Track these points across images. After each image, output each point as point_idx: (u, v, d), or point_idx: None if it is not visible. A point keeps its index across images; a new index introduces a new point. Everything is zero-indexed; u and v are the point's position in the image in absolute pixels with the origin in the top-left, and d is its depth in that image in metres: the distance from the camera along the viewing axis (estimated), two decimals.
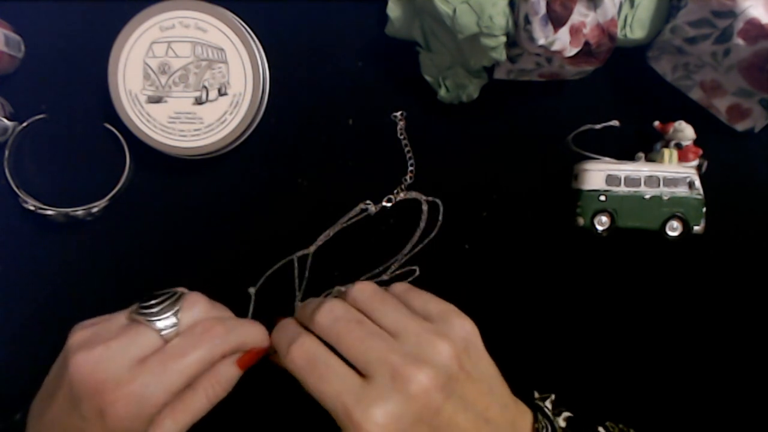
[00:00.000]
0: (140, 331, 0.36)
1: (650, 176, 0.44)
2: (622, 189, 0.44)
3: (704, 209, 0.44)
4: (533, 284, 0.48)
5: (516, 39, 0.41)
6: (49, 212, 0.46)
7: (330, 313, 0.37)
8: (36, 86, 0.48)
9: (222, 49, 0.44)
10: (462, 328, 0.37)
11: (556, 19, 0.39)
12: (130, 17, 0.44)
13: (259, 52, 0.45)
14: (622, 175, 0.44)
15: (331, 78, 0.48)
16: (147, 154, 0.46)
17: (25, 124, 0.47)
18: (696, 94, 0.47)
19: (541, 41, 0.39)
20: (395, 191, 0.48)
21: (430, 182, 0.48)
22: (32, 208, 0.46)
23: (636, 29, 0.44)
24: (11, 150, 0.47)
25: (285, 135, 0.48)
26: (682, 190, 0.44)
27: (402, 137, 0.47)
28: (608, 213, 0.44)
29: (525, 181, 0.48)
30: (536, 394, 0.42)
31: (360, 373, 0.35)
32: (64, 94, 0.48)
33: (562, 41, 0.40)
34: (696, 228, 0.44)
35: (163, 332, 0.36)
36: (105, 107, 0.46)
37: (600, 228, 0.44)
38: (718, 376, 0.48)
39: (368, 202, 0.47)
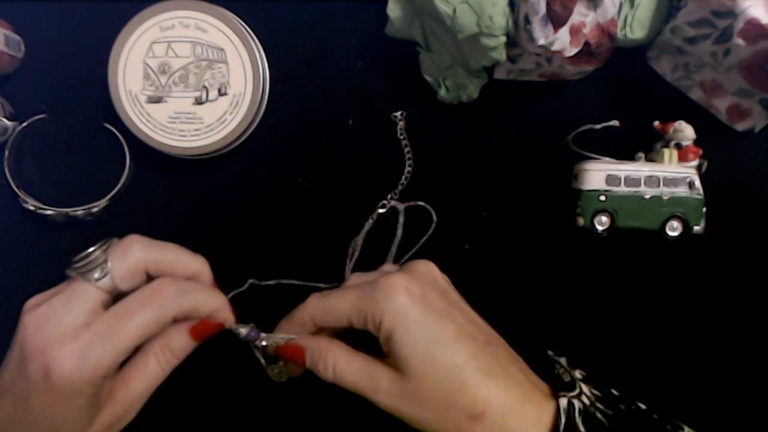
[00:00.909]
0: (78, 287, 0.34)
1: (650, 176, 0.44)
2: (622, 189, 0.44)
3: (704, 209, 0.44)
4: (533, 284, 0.48)
5: (516, 39, 0.41)
6: (49, 212, 0.46)
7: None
8: (36, 86, 0.48)
9: (222, 49, 0.44)
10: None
11: (556, 19, 0.39)
12: (130, 17, 0.44)
13: (259, 52, 0.45)
14: (622, 175, 0.44)
15: (331, 78, 0.48)
16: (147, 154, 0.46)
17: (25, 124, 0.47)
18: (696, 94, 0.47)
19: (541, 41, 0.39)
20: (389, 196, 0.48)
21: (430, 182, 0.48)
22: (32, 208, 0.46)
23: (636, 29, 0.44)
24: (11, 150, 0.47)
25: (285, 135, 0.48)
26: (682, 190, 0.44)
27: (402, 137, 0.47)
28: (608, 213, 0.44)
29: (525, 181, 0.48)
30: (550, 352, 0.42)
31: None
32: (64, 94, 0.48)
33: (562, 41, 0.40)
34: (696, 228, 0.44)
35: (99, 284, 0.34)
36: (105, 107, 0.46)
37: (600, 228, 0.44)
38: (718, 376, 0.48)
39: (384, 202, 0.47)
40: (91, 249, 0.35)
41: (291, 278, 0.48)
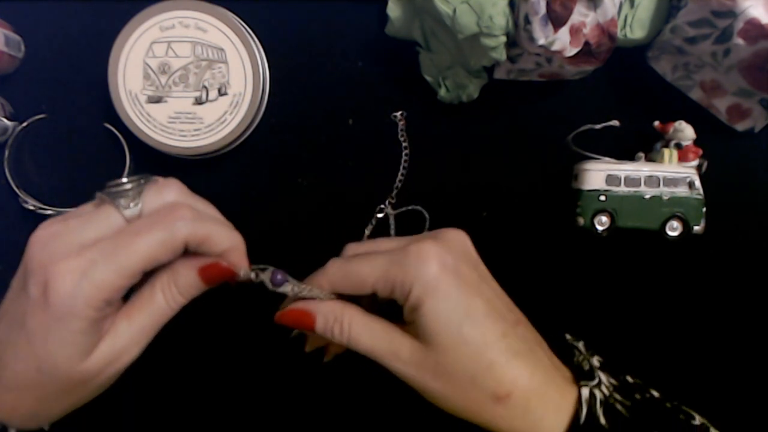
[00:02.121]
0: (102, 209, 0.32)
1: (650, 176, 0.44)
2: (622, 189, 0.44)
3: (704, 209, 0.44)
4: (533, 284, 0.48)
5: (516, 39, 0.41)
6: (49, 212, 0.46)
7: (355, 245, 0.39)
8: (36, 86, 0.48)
9: (222, 49, 0.44)
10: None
11: (556, 19, 0.39)
12: (130, 17, 0.44)
13: (259, 52, 0.45)
14: (622, 175, 0.44)
15: (331, 78, 0.48)
16: (147, 154, 0.46)
17: (25, 124, 0.47)
18: (696, 94, 0.47)
19: (541, 41, 0.39)
20: (386, 201, 0.48)
21: (430, 182, 0.48)
22: (32, 208, 0.46)
23: (636, 29, 0.44)
24: (11, 150, 0.47)
25: (285, 135, 0.48)
26: (682, 190, 0.44)
27: (402, 138, 0.47)
28: (608, 213, 0.44)
29: (525, 181, 0.48)
30: (568, 336, 0.41)
31: None
32: (64, 94, 0.48)
33: (562, 41, 0.40)
34: (696, 228, 0.44)
35: (126, 212, 0.32)
36: (105, 107, 0.46)
37: (600, 228, 0.44)
38: (718, 376, 0.48)
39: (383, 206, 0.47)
40: (125, 179, 0.33)
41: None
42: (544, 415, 0.34)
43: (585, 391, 0.35)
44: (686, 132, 0.45)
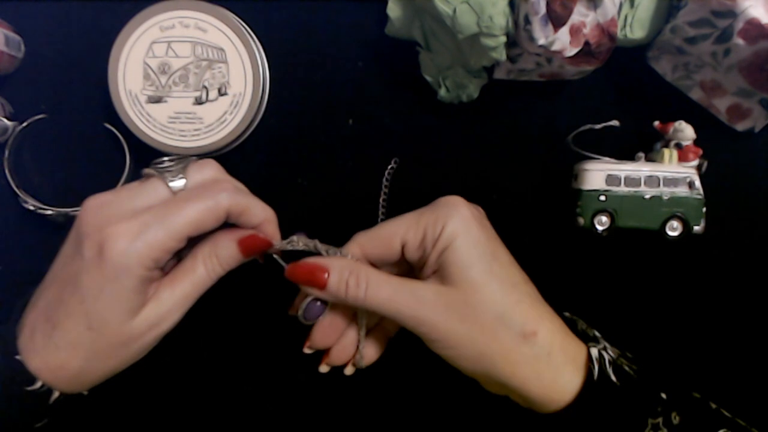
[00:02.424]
0: (150, 182, 0.35)
1: (650, 176, 0.44)
2: (622, 189, 0.44)
3: (704, 209, 0.44)
4: (533, 284, 0.48)
5: (516, 39, 0.41)
6: (49, 212, 0.46)
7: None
8: (36, 86, 0.48)
9: (222, 49, 0.44)
10: None
11: (556, 19, 0.39)
12: (130, 17, 0.44)
13: (259, 52, 0.45)
14: (622, 175, 0.44)
15: (331, 78, 0.48)
16: (147, 154, 0.46)
17: (25, 124, 0.47)
18: (696, 94, 0.47)
19: (541, 41, 0.39)
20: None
21: (430, 183, 0.48)
22: (32, 208, 0.46)
23: (636, 29, 0.44)
24: (11, 150, 0.47)
25: (285, 135, 0.48)
26: (682, 190, 0.44)
27: (385, 185, 0.48)
28: (608, 213, 0.44)
29: (525, 181, 0.48)
30: (567, 314, 0.42)
31: None
32: (64, 94, 0.48)
33: (562, 41, 0.40)
34: (696, 228, 0.44)
35: (171, 184, 0.35)
36: (105, 107, 0.46)
37: (600, 228, 0.44)
38: (718, 377, 0.48)
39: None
40: (167, 158, 0.37)
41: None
42: (565, 363, 0.36)
43: (594, 351, 0.36)
44: (686, 132, 0.45)
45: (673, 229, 0.44)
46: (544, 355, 0.35)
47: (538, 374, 0.35)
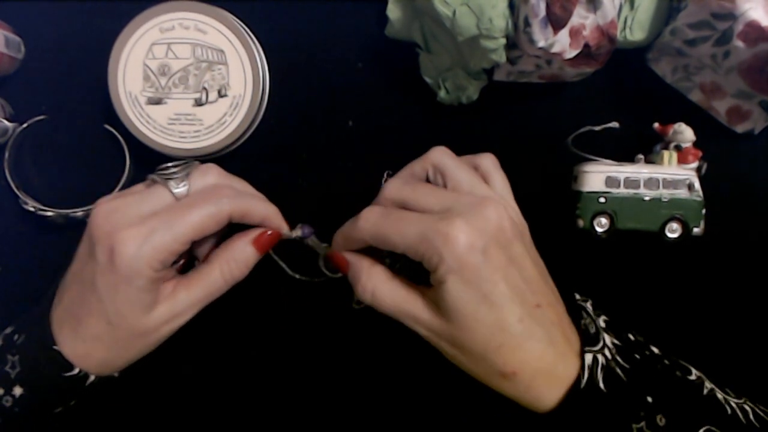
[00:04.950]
0: (155, 189, 0.38)
1: (650, 178, 0.44)
2: (622, 191, 0.44)
3: (704, 211, 0.44)
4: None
5: (516, 41, 0.41)
6: (49, 213, 0.46)
7: (397, 186, 0.39)
8: (36, 87, 0.48)
9: (222, 51, 0.44)
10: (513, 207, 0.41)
11: (555, 21, 0.39)
12: (130, 18, 0.44)
13: (259, 54, 0.45)
14: (622, 176, 0.44)
15: (331, 79, 0.48)
16: (147, 155, 0.46)
17: (25, 125, 0.47)
18: (696, 96, 0.47)
19: (541, 43, 0.39)
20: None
21: None
22: (32, 209, 0.46)
23: (636, 31, 0.44)
24: (11, 151, 0.47)
25: (285, 136, 0.48)
26: (681, 192, 0.44)
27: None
28: (608, 215, 0.44)
29: (525, 182, 0.48)
30: (577, 296, 0.42)
31: None
32: (64, 95, 0.48)
33: (562, 43, 0.40)
34: (695, 230, 0.44)
35: (175, 191, 0.38)
36: (105, 109, 0.46)
37: (600, 230, 0.44)
38: (718, 377, 0.48)
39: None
40: (171, 164, 0.39)
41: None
42: (549, 388, 0.36)
43: (588, 357, 0.36)
44: (686, 134, 0.45)
45: (673, 230, 0.44)
46: (523, 387, 0.36)
47: (519, 396, 0.37)
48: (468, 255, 0.34)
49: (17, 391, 0.37)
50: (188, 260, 0.42)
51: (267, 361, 0.48)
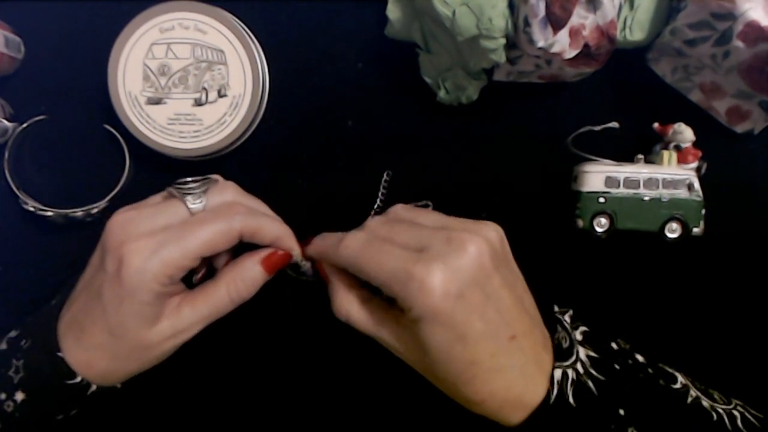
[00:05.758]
0: (171, 202, 0.38)
1: (649, 178, 0.44)
2: (622, 191, 0.44)
3: (703, 211, 0.44)
4: (533, 286, 0.48)
5: (515, 41, 0.41)
6: (49, 213, 0.46)
7: (376, 224, 0.39)
8: (36, 87, 0.48)
9: (221, 51, 0.44)
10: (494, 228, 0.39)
11: (555, 21, 0.39)
12: (130, 18, 0.44)
13: (259, 54, 0.45)
14: (622, 176, 0.44)
15: (331, 79, 0.48)
16: (146, 155, 0.46)
17: (25, 125, 0.47)
18: (695, 96, 0.47)
19: (541, 43, 0.39)
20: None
21: (430, 183, 0.48)
22: (32, 209, 0.46)
23: (635, 31, 0.44)
24: (11, 151, 0.47)
25: (285, 136, 0.48)
26: (681, 192, 0.44)
27: (380, 198, 0.48)
28: (607, 215, 0.44)
29: (525, 182, 0.48)
30: (556, 308, 0.42)
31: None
32: (64, 95, 0.48)
33: (562, 43, 0.40)
34: (695, 230, 0.44)
35: (191, 206, 0.38)
36: (105, 108, 0.46)
37: (599, 230, 0.44)
38: (718, 378, 0.48)
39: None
40: (190, 179, 0.39)
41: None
42: (515, 411, 0.36)
43: (558, 373, 0.37)
44: (686, 134, 0.45)
45: (673, 230, 0.44)
46: (492, 412, 0.37)
47: (488, 415, 0.37)
48: (443, 303, 0.34)
49: (19, 396, 0.37)
50: (207, 272, 0.41)
51: (269, 364, 0.48)
